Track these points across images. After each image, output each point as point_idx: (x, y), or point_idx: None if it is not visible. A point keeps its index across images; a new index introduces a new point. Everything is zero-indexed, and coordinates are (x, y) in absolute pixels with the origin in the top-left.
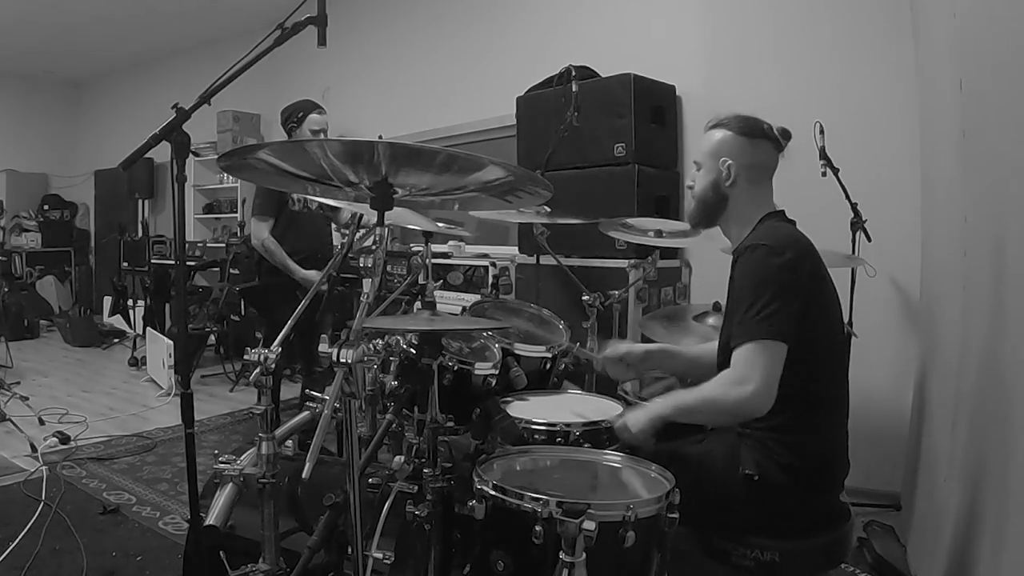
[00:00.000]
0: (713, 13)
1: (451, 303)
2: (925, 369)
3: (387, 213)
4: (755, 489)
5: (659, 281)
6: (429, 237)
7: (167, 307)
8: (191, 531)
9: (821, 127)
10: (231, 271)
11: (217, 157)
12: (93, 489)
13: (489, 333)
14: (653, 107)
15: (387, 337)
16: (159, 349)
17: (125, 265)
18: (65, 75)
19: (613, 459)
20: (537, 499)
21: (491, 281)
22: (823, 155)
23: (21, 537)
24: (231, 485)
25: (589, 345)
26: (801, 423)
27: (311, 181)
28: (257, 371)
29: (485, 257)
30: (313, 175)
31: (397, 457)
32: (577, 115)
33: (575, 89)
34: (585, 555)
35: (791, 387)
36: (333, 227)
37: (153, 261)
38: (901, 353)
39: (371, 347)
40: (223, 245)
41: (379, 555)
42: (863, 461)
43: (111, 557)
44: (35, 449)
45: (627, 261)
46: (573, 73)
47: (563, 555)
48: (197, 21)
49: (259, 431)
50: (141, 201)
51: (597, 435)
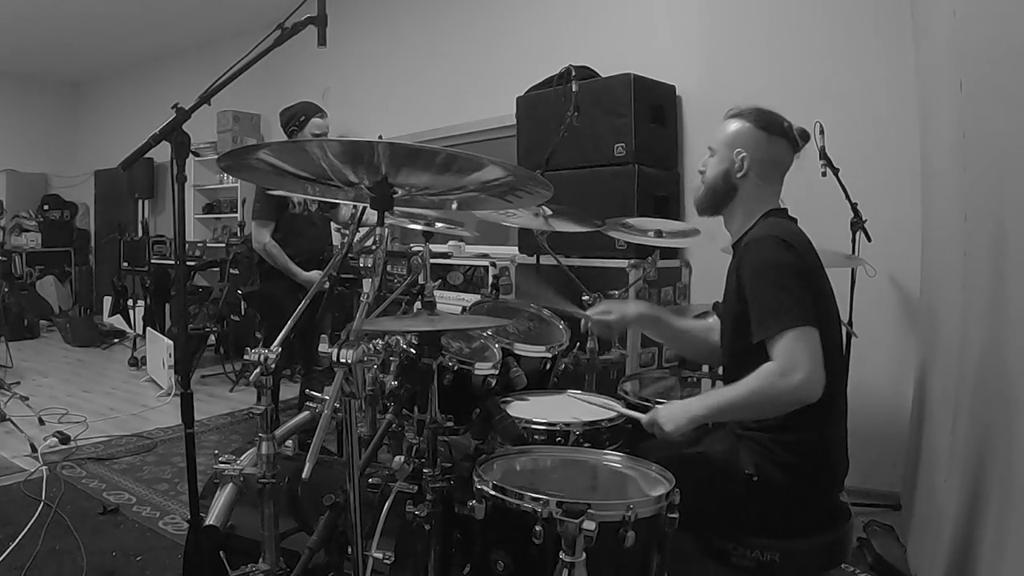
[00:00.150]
0: (713, 13)
1: (451, 303)
2: (925, 369)
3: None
4: (755, 489)
5: (659, 281)
6: (429, 237)
7: (167, 307)
8: (191, 531)
9: (821, 127)
10: (231, 271)
11: (217, 157)
12: (93, 489)
13: (489, 333)
14: (653, 107)
15: (387, 337)
16: (159, 349)
17: (125, 265)
18: (65, 75)
19: (613, 459)
20: (537, 499)
21: (491, 281)
22: (823, 155)
23: (21, 537)
24: (231, 485)
25: (589, 345)
26: (800, 423)
27: (311, 181)
28: (257, 371)
29: (485, 257)
30: (313, 175)
31: (397, 457)
32: (577, 115)
33: (575, 89)
34: (585, 555)
35: None
36: (333, 227)
37: (153, 261)
38: (901, 353)
39: (371, 347)
40: (223, 245)
41: (379, 555)
42: (863, 461)
43: (111, 557)
44: (35, 449)
45: (627, 261)
46: (573, 73)
47: (563, 555)
48: (197, 21)
49: (259, 431)
50: (141, 201)
51: (597, 435)
